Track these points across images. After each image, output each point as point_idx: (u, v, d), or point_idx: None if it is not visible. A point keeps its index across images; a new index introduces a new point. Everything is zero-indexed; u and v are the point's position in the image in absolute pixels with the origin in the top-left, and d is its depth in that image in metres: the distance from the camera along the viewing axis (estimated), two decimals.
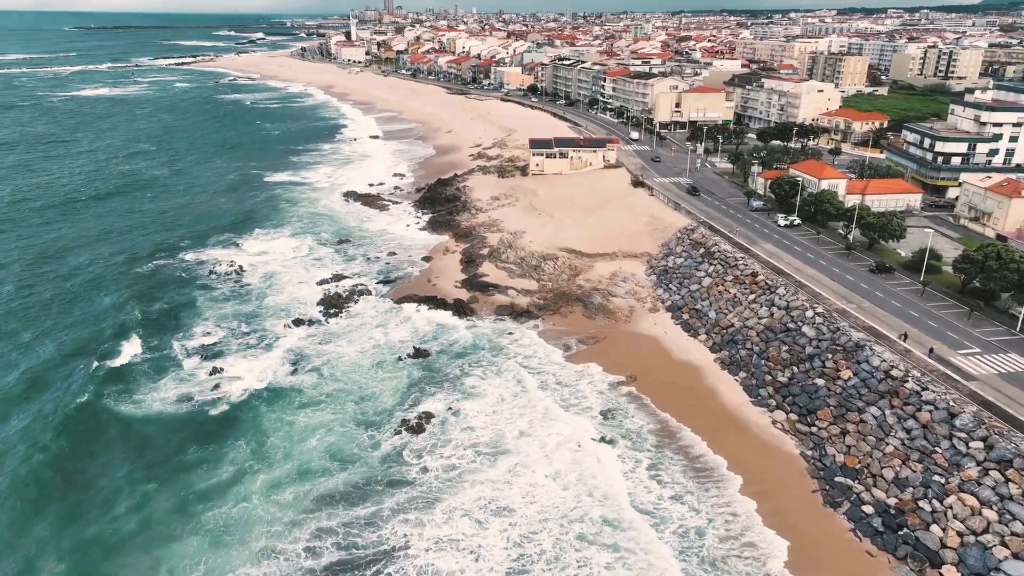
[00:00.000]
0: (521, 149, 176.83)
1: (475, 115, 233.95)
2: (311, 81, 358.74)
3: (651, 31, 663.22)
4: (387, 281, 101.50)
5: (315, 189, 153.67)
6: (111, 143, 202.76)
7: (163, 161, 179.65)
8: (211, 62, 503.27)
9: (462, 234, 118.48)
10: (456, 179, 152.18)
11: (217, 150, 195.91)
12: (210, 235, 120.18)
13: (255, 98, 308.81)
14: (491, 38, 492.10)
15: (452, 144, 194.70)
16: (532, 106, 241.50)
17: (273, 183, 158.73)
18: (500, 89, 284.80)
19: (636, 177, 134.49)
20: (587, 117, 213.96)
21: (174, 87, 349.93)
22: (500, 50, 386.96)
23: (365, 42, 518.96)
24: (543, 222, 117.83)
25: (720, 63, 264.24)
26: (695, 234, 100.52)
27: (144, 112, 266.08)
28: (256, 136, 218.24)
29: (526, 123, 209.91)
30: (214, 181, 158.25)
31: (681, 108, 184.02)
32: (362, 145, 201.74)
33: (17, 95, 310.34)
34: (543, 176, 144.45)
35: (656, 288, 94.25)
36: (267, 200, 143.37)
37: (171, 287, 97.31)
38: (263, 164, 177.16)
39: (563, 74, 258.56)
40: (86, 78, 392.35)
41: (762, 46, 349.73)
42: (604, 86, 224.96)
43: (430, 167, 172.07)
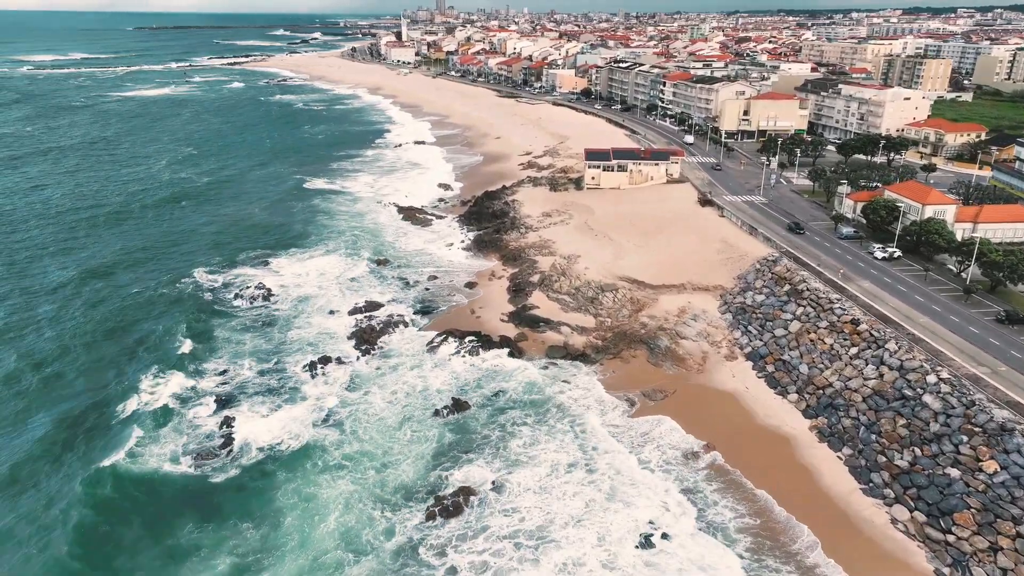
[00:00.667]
0: (574, 159, 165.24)
1: (525, 120, 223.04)
2: (359, 82, 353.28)
3: (708, 32, 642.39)
4: (426, 311, 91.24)
5: (355, 200, 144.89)
6: (158, 148, 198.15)
7: (204, 168, 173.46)
8: (263, 62, 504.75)
9: (510, 256, 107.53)
10: (504, 192, 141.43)
11: (259, 155, 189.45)
12: (242, 252, 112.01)
13: (302, 99, 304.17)
14: (543, 39, 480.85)
15: (501, 152, 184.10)
16: (586, 111, 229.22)
17: (313, 191, 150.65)
18: (552, 92, 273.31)
19: (703, 194, 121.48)
20: (645, 124, 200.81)
21: (224, 88, 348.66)
22: (552, 51, 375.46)
23: (415, 42, 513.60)
24: (600, 244, 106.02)
25: (787, 67, 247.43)
26: (777, 267, 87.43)
27: (192, 114, 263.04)
28: (300, 140, 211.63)
29: (579, 130, 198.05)
30: (253, 190, 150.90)
31: (750, 116, 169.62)
32: (407, 151, 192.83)
33: (75, 96, 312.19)
34: (599, 191, 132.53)
35: (732, 330, 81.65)
36: (305, 211, 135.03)
37: (191, 313, 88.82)
38: (304, 170, 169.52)
39: (619, 77, 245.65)
40: (141, 78, 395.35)
41: (831, 48, 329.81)
42: (663, 91, 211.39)
43: (477, 176, 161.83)
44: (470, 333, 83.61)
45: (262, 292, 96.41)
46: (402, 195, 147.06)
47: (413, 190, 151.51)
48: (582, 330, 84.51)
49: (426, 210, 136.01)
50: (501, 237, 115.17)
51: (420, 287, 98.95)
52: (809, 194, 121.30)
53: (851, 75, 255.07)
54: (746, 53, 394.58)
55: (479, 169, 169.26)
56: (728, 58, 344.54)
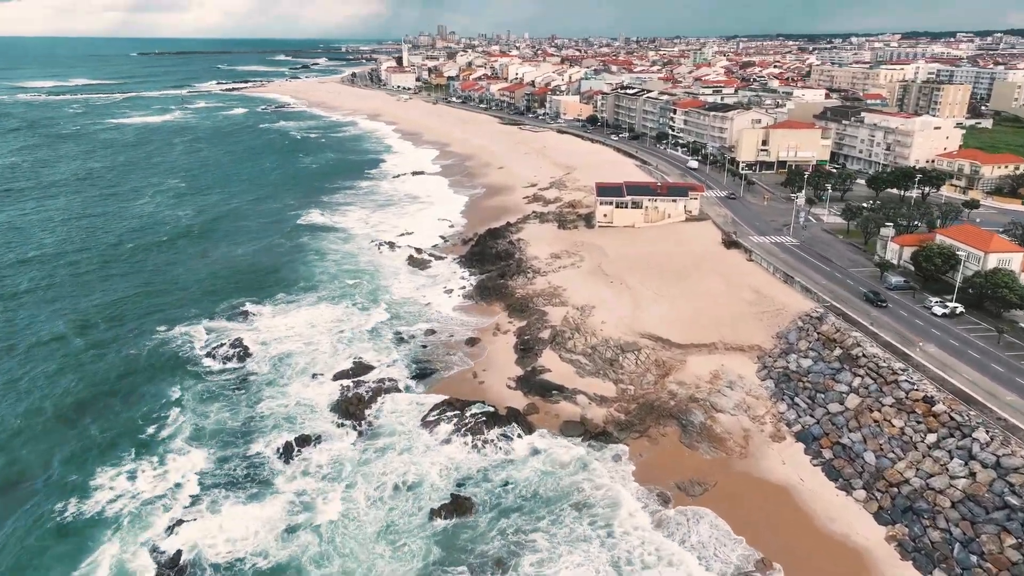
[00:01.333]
0: (582, 191, 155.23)
1: (529, 149, 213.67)
2: (358, 109, 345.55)
3: (711, 56, 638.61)
4: (422, 374, 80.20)
5: (348, 237, 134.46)
6: (146, 181, 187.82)
7: (191, 204, 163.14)
8: (261, 88, 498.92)
9: (516, 306, 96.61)
10: (509, 229, 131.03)
11: (251, 188, 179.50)
12: (223, 301, 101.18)
13: (299, 126, 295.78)
14: (545, 64, 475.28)
15: (504, 183, 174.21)
16: (592, 140, 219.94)
17: (304, 228, 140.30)
18: (556, 120, 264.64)
19: (728, 235, 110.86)
20: (656, 153, 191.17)
21: (221, 115, 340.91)
22: (555, 77, 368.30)
23: (416, 68, 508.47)
24: (616, 293, 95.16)
25: (801, 93, 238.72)
26: (824, 325, 76.45)
27: (183, 142, 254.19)
28: (295, 170, 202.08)
29: (586, 160, 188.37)
30: (241, 229, 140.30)
31: (769, 146, 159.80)
32: (405, 183, 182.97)
33: (68, 124, 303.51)
34: (612, 229, 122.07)
35: (776, 401, 70.50)
36: (293, 251, 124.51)
37: (150, 378, 77.94)
38: (295, 204, 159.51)
39: (626, 104, 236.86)
40: (137, 105, 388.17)
41: (841, 73, 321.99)
42: (674, 119, 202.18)
43: (479, 211, 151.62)
44: (472, 403, 72.48)
45: (238, 351, 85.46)
46: (399, 232, 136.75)
47: (411, 226, 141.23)
48: (601, 400, 73.37)
49: (424, 250, 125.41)
50: (506, 283, 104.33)
51: (416, 343, 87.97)
52: (844, 235, 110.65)
53: (865, 101, 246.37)
54: (753, 78, 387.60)
55: (481, 202, 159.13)
56: (736, 83, 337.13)
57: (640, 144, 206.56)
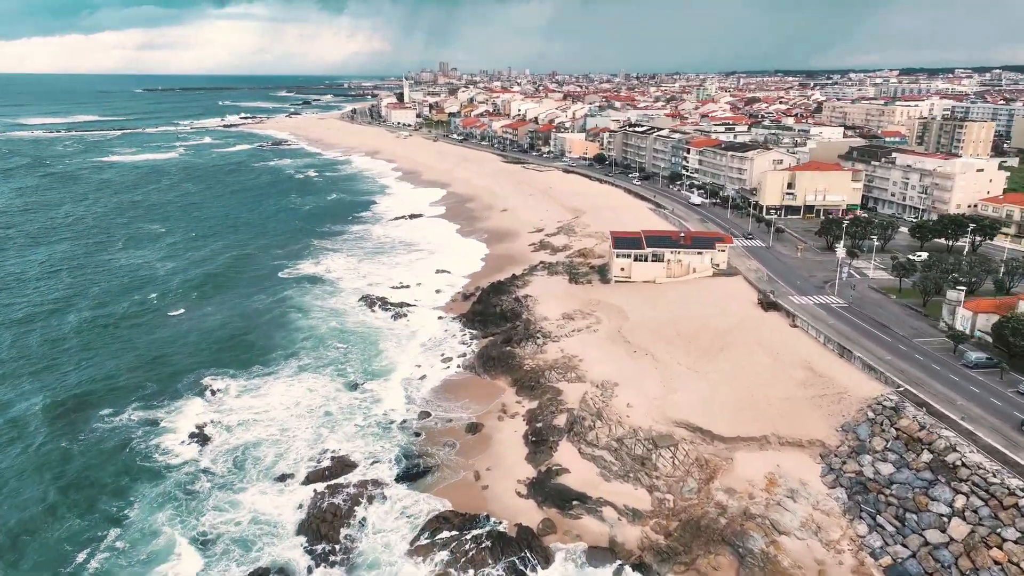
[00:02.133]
0: (593, 238, 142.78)
1: (534, 190, 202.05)
2: (356, 147, 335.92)
3: (714, 92, 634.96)
4: (413, 474, 66.39)
5: (337, 291, 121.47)
6: (122, 226, 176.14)
7: (168, 252, 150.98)
8: (259, 124, 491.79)
9: (525, 382, 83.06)
10: (515, 283, 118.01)
11: (236, 234, 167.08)
12: (188, 374, 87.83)
13: (295, 164, 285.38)
14: (547, 100, 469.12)
15: (508, 228, 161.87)
16: (601, 180, 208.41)
17: (288, 280, 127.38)
18: (562, 158, 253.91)
19: (765, 295, 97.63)
20: (669, 195, 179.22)
21: (214, 152, 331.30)
22: (559, 113, 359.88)
23: (417, 104, 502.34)
24: (642, 367, 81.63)
25: (819, 131, 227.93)
26: (903, 419, 62.76)
27: (171, 182, 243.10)
28: (284, 212, 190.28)
29: (596, 202, 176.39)
30: (219, 282, 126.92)
31: (795, 189, 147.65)
32: (401, 227, 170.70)
33: (55, 162, 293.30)
34: (630, 285, 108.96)
35: (853, 519, 56.54)
36: (274, 309, 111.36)
37: (80, 483, 64.21)
38: (282, 252, 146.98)
39: (635, 142, 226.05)
40: (130, 141, 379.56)
41: (855, 110, 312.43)
42: (688, 158, 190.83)
43: (481, 260, 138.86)
44: (474, 519, 58.59)
45: (196, 439, 71.88)
46: (392, 284, 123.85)
47: (406, 277, 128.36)
48: (634, 514, 59.38)
49: (419, 306, 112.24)
50: (513, 351, 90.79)
51: (407, 431, 74.23)
52: (896, 294, 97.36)
53: (884, 139, 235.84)
54: (761, 115, 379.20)
55: (484, 250, 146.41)
56: (744, 120, 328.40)
57: (652, 185, 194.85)
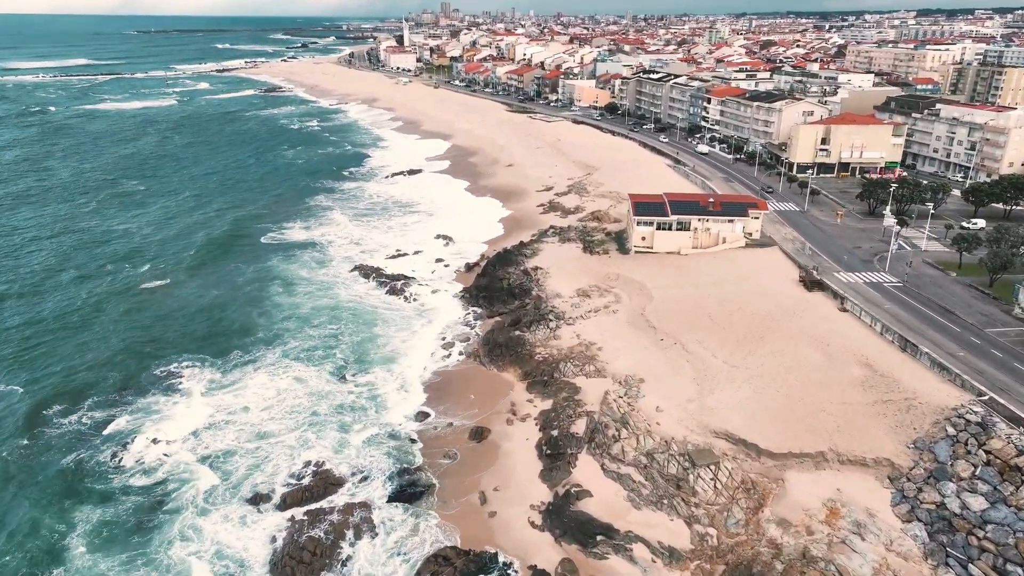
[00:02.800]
0: (607, 199, 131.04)
1: (542, 142, 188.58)
2: (352, 94, 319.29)
3: (727, 35, 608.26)
4: (408, 493, 56.78)
5: (327, 259, 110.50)
6: (100, 183, 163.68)
7: (145, 209, 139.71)
8: (254, 69, 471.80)
9: (537, 375, 72.77)
10: (523, 251, 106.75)
11: (220, 190, 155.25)
12: (152, 361, 77.77)
13: (287, 113, 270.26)
14: (554, 43, 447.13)
15: (515, 186, 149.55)
16: (613, 132, 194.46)
17: (272, 247, 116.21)
18: (570, 107, 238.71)
19: (807, 271, 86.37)
20: (689, 149, 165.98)
21: (204, 99, 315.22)
22: (566, 58, 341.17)
23: (417, 48, 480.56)
24: (670, 359, 71.17)
25: (847, 78, 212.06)
26: (993, 439, 52.46)
27: (156, 131, 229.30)
28: (273, 167, 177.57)
29: (609, 157, 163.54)
30: (197, 248, 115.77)
31: (829, 145, 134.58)
32: (398, 184, 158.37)
33: (35, 108, 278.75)
34: (652, 256, 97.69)
35: (936, 566, 46.79)
36: (254, 283, 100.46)
37: (15, 507, 54.54)
38: (269, 214, 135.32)
39: (650, 91, 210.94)
40: (118, 88, 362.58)
41: (881, 55, 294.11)
42: (708, 109, 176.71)
43: (486, 223, 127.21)
44: (479, 560, 49.06)
45: (159, 449, 62.16)
46: (388, 252, 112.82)
47: (403, 243, 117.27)
48: (671, 555, 49.76)
49: (417, 279, 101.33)
50: (523, 336, 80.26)
51: (402, 437, 64.35)
52: (955, 271, 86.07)
53: (915, 87, 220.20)
54: (779, 60, 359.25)
55: (488, 212, 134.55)
56: (762, 65, 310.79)
57: (669, 138, 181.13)
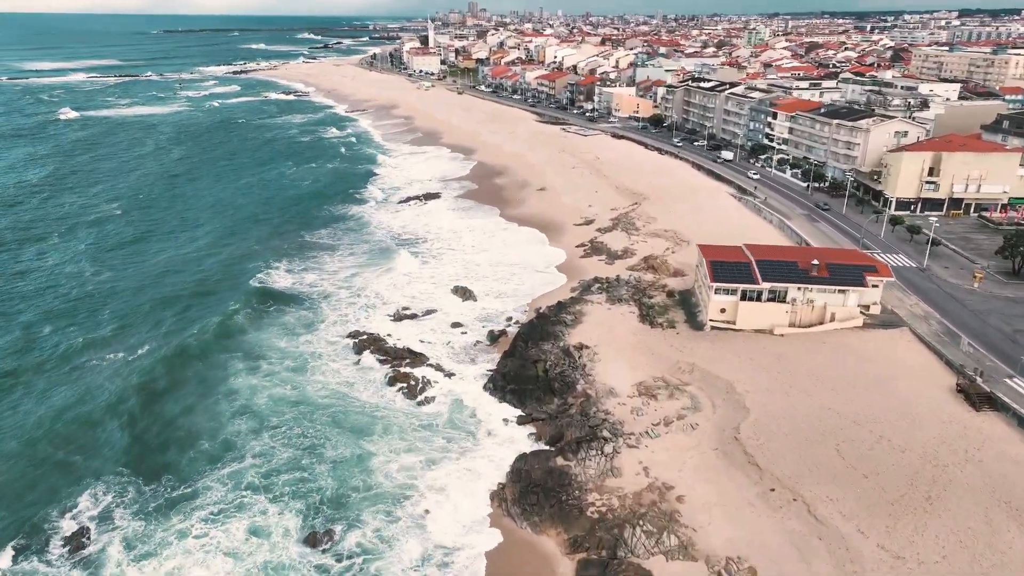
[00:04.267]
0: (663, 239, 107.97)
1: (578, 161, 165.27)
2: (370, 99, 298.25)
3: (767, 36, 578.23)
4: None
5: (314, 320, 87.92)
6: (73, 199, 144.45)
7: (109, 239, 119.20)
8: (272, 70, 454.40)
9: (591, 546, 49.25)
10: (562, 315, 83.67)
11: (206, 216, 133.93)
12: (47, 498, 56.04)
13: (299, 122, 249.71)
14: (586, 45, 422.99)
15: (548, 217, 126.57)
16: (660, 150, 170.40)
17: (252, 296, 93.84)
18: (608, 118, 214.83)
19: (966, 374, 61.94)
20: (748, 172, 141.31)
21: (213, 104, 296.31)
22: (600, 61, 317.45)
23: (442, 49, 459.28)
24: (790, 531, 47.47)
25: (927, 88, 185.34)
26: None
27: (154, 142, 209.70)
28: (275, 189, 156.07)
29: (659, 183, 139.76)
30: (162, 302, 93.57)
31: (938, 176, 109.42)
32: (412, 213, 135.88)
33: (30, 114, 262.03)
34: (736, 335, 73.93)
35: None
36: (218, 356, 78.18)
37: None
38: (258, 252, 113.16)
39: (700, 101, 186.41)
40: (128, 90, 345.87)
41: (954, 60, 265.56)
42: (773, 125, 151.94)
43: (517, 271, 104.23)
44: None
45: None
46: (392, 311, 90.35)
47: (412, 298, 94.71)
48: None
49: (427, 357, 78.58)
50: (568, 471, 56.93)
51: None
52: None
53: (1003, 97, 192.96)
54: (832, 64, 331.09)
55: (518, 252, 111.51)
56: (815, 71, 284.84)
57: (724, 155, 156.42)
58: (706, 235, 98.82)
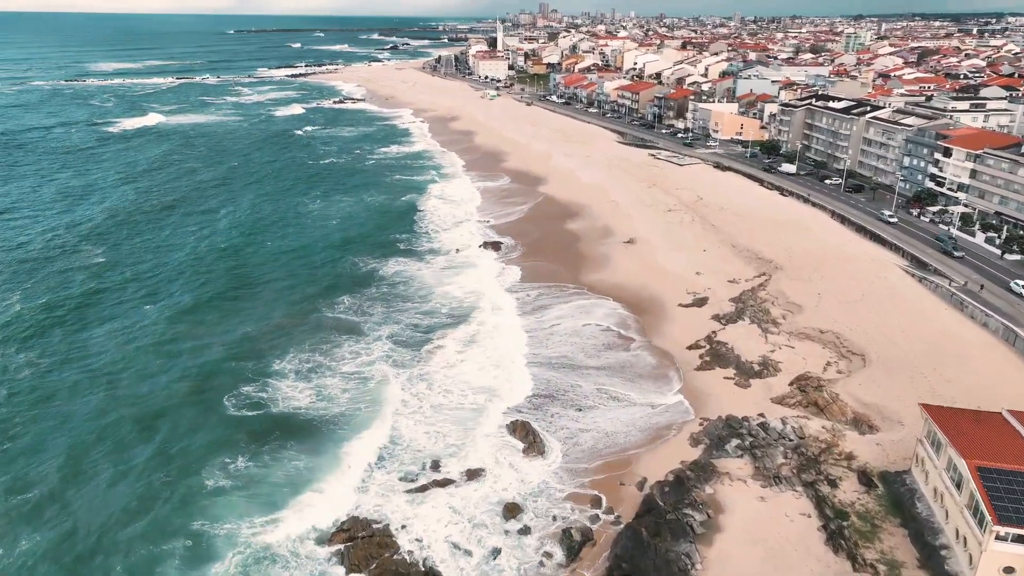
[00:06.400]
0: (819, 343, 74.48)
1: (676, 200, 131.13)
2: (429, 109, 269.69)
3: (868, 41, 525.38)
4: None
5: (321, 449, 57.76)
6: (58, 255, 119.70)
7: (64, 318, 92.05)
8: (332, 74, 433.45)
9: None
10: (687, 512, 50.70)
11: (205, 280, 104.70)
12: None
13: (344, 136, 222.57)
14: (668, 50, 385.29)
15: (641, 290, 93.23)
16: (782, 189, 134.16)
17: (260, 406, 64.83)
18: (706, 141, 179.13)
19: None
20: (913, 229, 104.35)
21: (261, 113, 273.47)
22: (689, 69, 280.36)
23: (510, 53, 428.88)
24: None
25: None
26: None
27: (181, 156, 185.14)
28: (296, 230, 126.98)
29: (792, 243, 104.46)
30: (79, 451, 65.92)
31: None
32: (463, 270, 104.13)
33: (64, 123, 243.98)
34: None
35: None
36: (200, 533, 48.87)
37: None
38: (258, 336, 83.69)
39: (829, 126, 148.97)
40: (176, 95, 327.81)
41: None
42: (942, 164, 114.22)
43: (601, 392, 71.34)
44: None
45: None
46: (412, 463, 59.21)
47: (444, 440, 63.33)
48: None
49: (485, 543, 46.96)
50: None
51: None
52: None
53: None
54: (963, 74, 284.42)
55: (598, 348, 78.60)
56: (943, 82, 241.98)
57: (870, 203, 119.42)
58: (885, 344, 63.92)
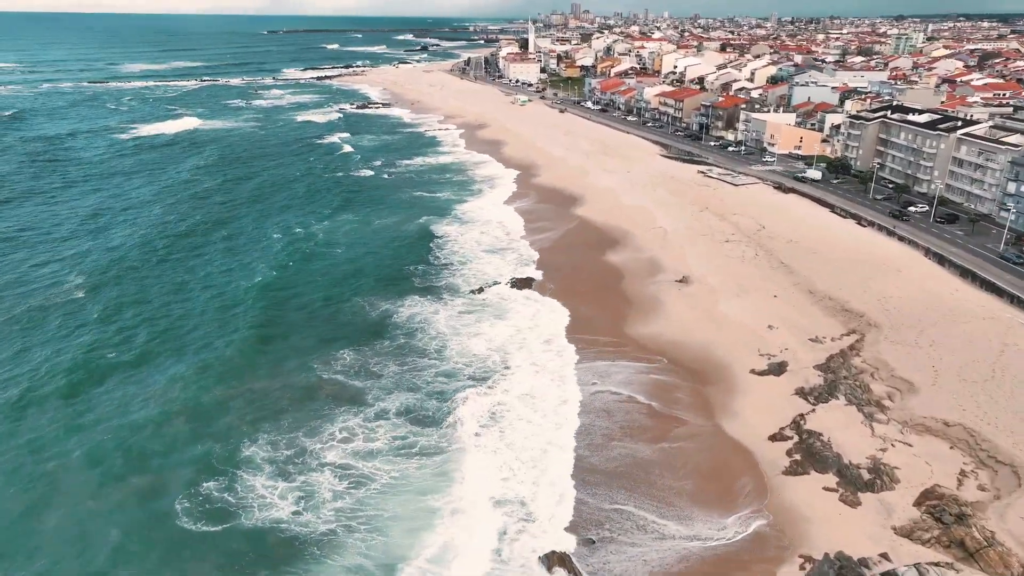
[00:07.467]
0: (946, 441, 57.00)
1: (733, 228, 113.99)
2: (456, 115, 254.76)
3: (920, 43, 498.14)
4: None
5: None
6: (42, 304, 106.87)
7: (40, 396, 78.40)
8: (359, 76, 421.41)
9: None
10: None
11: (185, 337, 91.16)
12: None
13: (367, 145, 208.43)
14: (709, 52, 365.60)
15: (700, 349, 76.65)
16: (860, 218, 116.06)
17: (224, 515, 50.09)
18: (762, 156, 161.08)
19: None
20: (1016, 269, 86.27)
21: (280, 119, 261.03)
22: (734, 73, 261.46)
23: (542, 55, 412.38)
24: None
25: None
26: None
27: (191, 174, 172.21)
28: (301, 259, 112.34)
29: (886, 290, 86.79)
30: None
31: None
32: (485, 318, 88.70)
33: (77, 128, 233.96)
34: None
35: None
36: None
37: None
38: (245, 403, 69.45)
39: (909, 142, 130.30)
40: (196, 99, 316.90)
41: None
42: None
43: (659, 516, 55.13)
44: None
45: None
46: None
47: None
48: None
49: None
50: None
51: None
52: None
53: None
54: None
55: (645, 421, 62.29)
56: (1016, 87, 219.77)
57: (971, 236, 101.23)
58: None
